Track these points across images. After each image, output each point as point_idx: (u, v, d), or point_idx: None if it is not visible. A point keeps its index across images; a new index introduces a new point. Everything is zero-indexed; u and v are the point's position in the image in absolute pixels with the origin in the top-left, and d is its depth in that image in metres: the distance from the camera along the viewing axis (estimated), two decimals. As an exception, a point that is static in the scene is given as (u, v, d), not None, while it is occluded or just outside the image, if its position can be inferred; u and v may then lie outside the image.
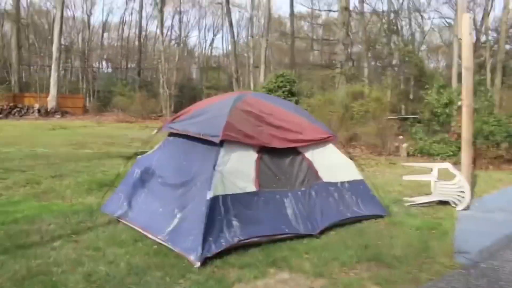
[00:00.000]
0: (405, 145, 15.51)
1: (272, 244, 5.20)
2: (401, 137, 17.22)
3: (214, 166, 4.99)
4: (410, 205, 7.56)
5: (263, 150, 5.62)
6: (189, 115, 6.05)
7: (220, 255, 4.75)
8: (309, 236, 5.47)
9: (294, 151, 5.98)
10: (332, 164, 6.32)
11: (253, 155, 5.53)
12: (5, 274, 4.22)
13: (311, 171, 6.06)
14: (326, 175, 6.17)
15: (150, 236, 5.40)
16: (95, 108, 33.67)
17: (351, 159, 6.74)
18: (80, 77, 41.86)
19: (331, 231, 5.78)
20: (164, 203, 5.39)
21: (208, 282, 4.38)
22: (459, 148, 14.15)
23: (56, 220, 6.03)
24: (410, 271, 4.88)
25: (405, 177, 8.30)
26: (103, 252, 4.91)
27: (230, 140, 5.28)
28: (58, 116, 29.78)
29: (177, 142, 5.96)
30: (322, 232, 5.63)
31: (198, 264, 4.56)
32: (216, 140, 5.16)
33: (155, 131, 6.54)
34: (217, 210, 4.89)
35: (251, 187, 5.31)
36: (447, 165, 8.14)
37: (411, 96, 26.00)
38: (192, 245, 4.73)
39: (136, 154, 6.74)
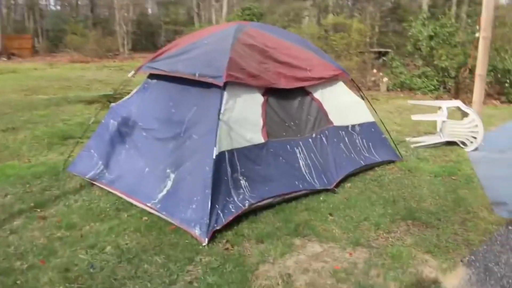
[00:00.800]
0: (385, 79, 14.80)
1: (286, 204, 4.53)
2: (374, 70, 16.54)
3: (219, 115, 4.10)
4: (416, 147, 7.14)
5: (269, 92, 4.81)
6: (176, 51, 4.93)
7: (229, 225, 3.91)
8: (325, 191, 4.88)
9: (302, 92, 5.24)
10: (342, 104, 5.68)
11: (259, 99, 4.71)
12: None
13: (321, 114, 5.40)
14: (337, 118, 5.54)
15: (136, 203, 4.39)
16: (45, 49, 31.09)
17: (362, 98, 5.99)
18: (26, 16, 38.35)
19: (346, 183, 5.24)
20: (152, 161, 4.46)
21: (225, 266, 3.36)
22: (440, 83, 13.86)
23: (14, 189, 4.85)
24: (456, 231, 4.18)
25: (414, 117, 7.55)
26: (81, 230, 3.80)
27: (234, 81, 4.35)
28: (4, 59, 27.18)
29: (161, 85, 4.93)
30: (337, 185, 5.04)
31: (206, 240, 3.68)
32: (219, 82, 4.24)
33: (132, 72, 5.26)
34: (223, 170, 4.07)
35: (259, 138, 4.55)
36: (457, 103, 7.42)
37: (376, 29, 25.16)
38: (195, 216, 3.83)
39: (109, 101, 5.46)
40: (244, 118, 4.44)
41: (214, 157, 3.95)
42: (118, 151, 4.88)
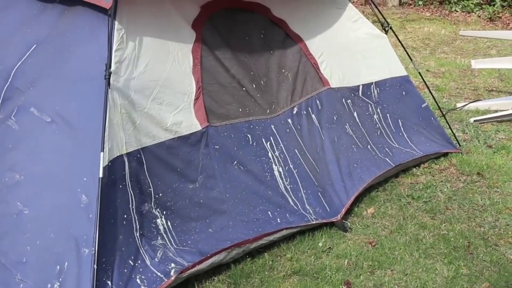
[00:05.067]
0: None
1: (252, 262, 4.43)
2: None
3: (106, 75, 3.90)
4: (480, 121, 7.33)
5: (208, 19, 4.82)
6: None
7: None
8: (326, 226, 4.87)
9: (265, 20, 5.31)
10: (346, 45, 5.85)
11: (186, 36, 4.65)
12: None
13: (306, 64, 5.49)
14: (337, 73, 5.64)
15: None
16: None
17: (384, 27, 6.17)
18: None
19: (362, 204, 5.30)
20: None
21: None
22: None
23: None
24: None
25: (477, 64, 7.70)
26: None
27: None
28: None
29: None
30: (348, 210, 5.08)
31: None
32: (104, 3, 4.07)
33: None
34: (120, 198, 3.95)
35: (190, 122, 4.51)
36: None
37: None
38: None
39: None
40: (159, 81, 4.36)
41: (100, 172, 3.67)
42: None
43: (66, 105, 4.04)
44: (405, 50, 6.46)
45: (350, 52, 5.73)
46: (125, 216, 3.89)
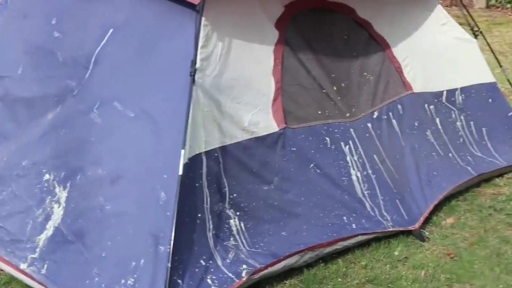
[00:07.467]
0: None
1: (326, 268, 4.37)
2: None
3: (191, 72, 3.95)
4: None
5: (291, 19, 4.84)
6: None
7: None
8: (403, 234, 4.81)
9: (348, 20, 5.32)
10: (432, 48, 5.82)
11: (269, 35, 4.67)
12: None
13: (389, 67, 5.47)
14: (421, 77, 5.62)
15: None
16: None
17: (474, 31, 6.21)
18: None
19: (441, 213, 5.19)
20: (7, 151, 4.52)
21: None
22: None
23: None
24: None
25: None
26: None
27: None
28: None
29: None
30: (426, 220, 4.99)
31: None
32: None
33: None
34: (197, 196, 3.99)
35: (268, 122, 4.52)
36: None
37: None
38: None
39: None
40: (239, 80, 4.36)
41: (180, 170, 3.69)
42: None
43: (150, 101, 4.12)
44: (494, 55, 6.36)
45: (436, 56, 5.70)
46: (199, 215, 3.91)
